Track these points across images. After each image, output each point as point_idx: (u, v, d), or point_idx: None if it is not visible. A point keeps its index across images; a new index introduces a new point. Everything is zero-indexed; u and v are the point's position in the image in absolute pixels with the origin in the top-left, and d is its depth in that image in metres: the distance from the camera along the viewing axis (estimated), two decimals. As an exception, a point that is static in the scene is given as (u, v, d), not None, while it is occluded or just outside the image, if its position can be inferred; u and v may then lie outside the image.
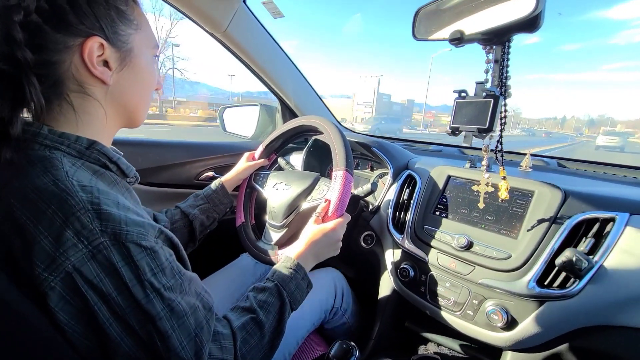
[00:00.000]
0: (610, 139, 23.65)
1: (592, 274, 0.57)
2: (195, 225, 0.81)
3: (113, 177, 0.47)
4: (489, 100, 0.58)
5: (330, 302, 0.87)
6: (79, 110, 0.45)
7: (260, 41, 1.11)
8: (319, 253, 0.66)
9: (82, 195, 0.38)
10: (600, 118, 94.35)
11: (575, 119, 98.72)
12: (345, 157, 0.73)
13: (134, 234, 0.39)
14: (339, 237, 0.69)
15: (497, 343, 0.67)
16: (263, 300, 0.54)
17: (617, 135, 25.31)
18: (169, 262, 0.42)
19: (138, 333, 0.38)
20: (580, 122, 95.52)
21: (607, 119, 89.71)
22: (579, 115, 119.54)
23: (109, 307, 0.37)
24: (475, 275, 0.69)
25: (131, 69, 0.49)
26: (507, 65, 0.61)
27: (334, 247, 0.69)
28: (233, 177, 0.92)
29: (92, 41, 0.43)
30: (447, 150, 1.26)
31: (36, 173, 0.39)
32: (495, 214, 0.72)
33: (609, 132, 27.42)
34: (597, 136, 27.71)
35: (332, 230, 0.67)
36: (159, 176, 1.13)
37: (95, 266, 0.36)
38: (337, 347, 0.62)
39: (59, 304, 0.35)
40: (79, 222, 0.36)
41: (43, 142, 0.41)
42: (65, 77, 0.43)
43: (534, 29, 0.53)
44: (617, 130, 31.89)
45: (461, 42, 0.58)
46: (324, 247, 0.67)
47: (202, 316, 0.44)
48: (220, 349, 0.45)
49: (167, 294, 0.40)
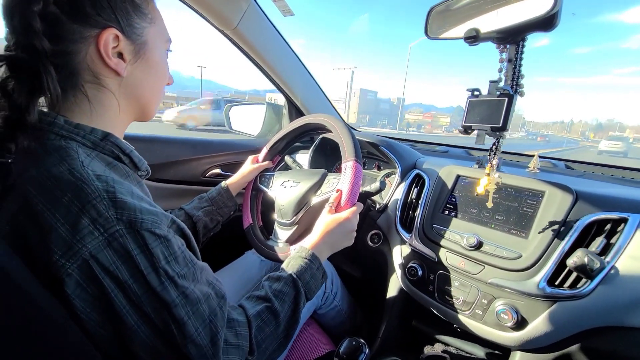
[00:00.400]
0: (613, 144, 23.30)
1: (604, 274, 0.57)
2: (199, 227, 0.81)
3: (125, 170, 0.47)
4: (503, 99, 0.58)
5: (322, 287, 0.88)
6: (94, 101, 0.46)
7: (269, 39, 1.11)
8: (334, 243, 0.66)
9: (97, 184, 0.38)
10: (609, 123, 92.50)
11: (583, 123, 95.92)
12: (354, 149, 0.73)
13: (148, 222, 0.39)
14: (354, 227, 0.69)
15: (506, 343, 0.66)
16: (278, 290, 0.54)
17: (621, 140, 24.95)
18: (182, 250, 0.43)
19: (154, 320, 0.38)
20: (588, 127, 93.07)
21: (615, 123, 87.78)
22: (587, 120, 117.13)
23: (125, 295, 0.37)
24: (484, 274, 0.69)
25: (145, 62, 0.49)
26: (521, 65, 0.61)
27: (348, 237, 0.69)
28: (238, 180, 0.92)
29: (107, 32, 0.43)
30: (454, 151, 1.26)
31: (52, 162, 0.39)
32: (506, 213, 0.72)
33: (612, 137, 26.73)
34: (601, 141, 27.26)
35: (346, 220, 0.67)
36: (165, 172, 1.13)
37: (111, 253, 0.36)
38: (346, 344, 0.62)
39: (76, 291, 0.35)
40: (95, 210, 0.36)
41: (59, 132, 0.42)
42: (80, 67, 0.44)
43: (550, 28, 0.53)
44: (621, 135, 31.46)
45: (476, 40, 0.58)
46: (338, 237, 0.67)
47: (215, 303, 0.44)
48: (235, 336, 0.46)
49: (180, 282, 0.40)
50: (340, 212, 0.68)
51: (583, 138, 63.73)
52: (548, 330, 0.61)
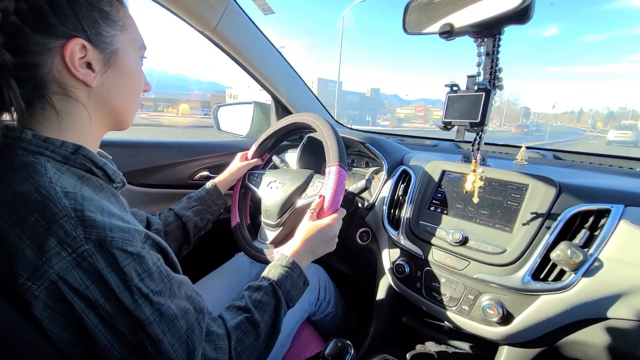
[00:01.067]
0: (622, 133, 22.06)
1: (587, 267, 0.57)
2: (189, 227, 0.81)
3: (99, 183, 0.46)
4: (481, 94, 0.58)
5: (314, 295, 0.89)
6: (62, 113, 0.44)
7: (250, 38, 1.09)
8: (315, 250, 0.66)
9: (65, 202, 0.37)
10: (621, 111, 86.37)
11: (593, 112, 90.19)
12: (338, 152, 0.72)
13: (119, 240, 0.38)
14: (335, 233, 0.69)
15: (493, 337, 0.66)
16: (258, 300, 0.54)
17: (630, 129, 23.40)
18: (157, 266, 0.42)
19: (128, 338, 0.37)
20: (599, 116, 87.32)
21: (628, 111, 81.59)
22: (597, 108, 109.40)
23: (96, 314, 0.36)
24: (470, 270, 0.68)
25: (116, 71, 0.48)
26: (498, 58, 0.60)
27: (330, 243, 0.68)
28: (226, 178, 0.92)
29: (73, 43, 0.42)
30: (443, 145, 1.25)
31: (18, 179, 0.38)
32: (490, 208, 0.72)
33: (621, 126, 24.94)
34: (609, 130, 25.54)
35: (327, 226, 0.67)
36: (152, 177, 1.12)
37: (80, 274, 0.35)
38: (332, 346, 0.62)
39: (45, 313, 0.35)
40: (62, 230, 0.35)
41: (27, 147, 0.41)
42: (46, 79, 0.42)
43: (524, 20, 0.52)
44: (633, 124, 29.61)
45: (451, 35, 0.57)
46: (320, 244, 0.66)
47: (193, 318, 0.43)
48: (214, 349, 0.45)
49: (156, 299, 0.39)
50: (322, 219, 0.67)
51: (591, 128, 58.52)
52: (533, 324, 0.61)
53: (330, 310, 0.95)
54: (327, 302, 0.94)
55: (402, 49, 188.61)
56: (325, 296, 0.94)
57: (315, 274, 0.95)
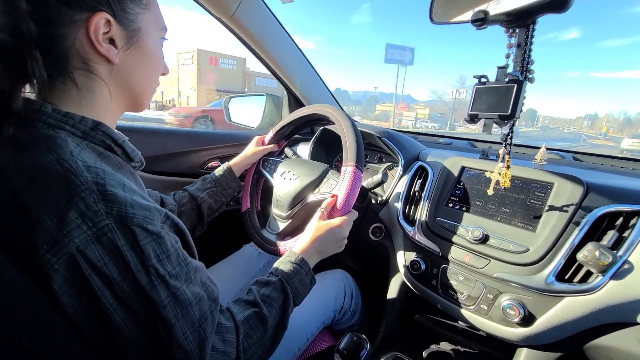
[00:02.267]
0: (637, 142, 20.01)
1: (616, 269, 0.55)
2: (204, 208, 0.80)
3: (118, 161, 0.46)
4: (512, 85, 0.55)
5: (339, 302, 0.86)
6: (83, 88, 0.43)
7: (267, 27, 1.07)
8: (323, 249, 0.65)
9: (87, 175, 0.36)
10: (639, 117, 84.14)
11: (607, 117, 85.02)
12: (356, 152, 0.70)
13: (140, 218, 0.37)
14: (345, 235, 0.67)
15: (512, 339, 0.64)
16: (267, 295, 0.53)
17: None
18: (175, 248, 0.41)
19: (142, 319, 0.36)
20: (615, 122, 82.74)
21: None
22: (614, 113, 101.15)
23: (112, 292, 0.35)
24: (490, 269, 0.66)
25: (138, 50, 0.47)
26: (531, 50, 0.58)
27: (338, 245, 0.67)
28: (241, 161, 0.91)
29: (98, 17, 0.41)
30: (458, 143, 1.23)
31: (40, 151, 0.37)
32: (512, 206, 0.70)
33: (636, 135, 23.63)
34: (623, 138, 23.33)
35: (338, 227, 0.65)
36: (163, 164, 1.11)
37: (99, 249, 0.35)
38: (347, 340, 0.60)
39: (63, 287, 0.34)
40: (83, 203, 0.34)
41: (47, 120, 0.40)
42: (69, 52, 0.41)
43: (563, 9, 0.50)
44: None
45: (485, 23, 0.55)
46: (328, 244, 0.65)
47: (206, 307, 0.42)
48: (223, 342, 0.44)
49: (172, 282, 0.38)
50: (333, 219, 0.66)
51: (598, 134, 53.30)
52: (556, 326, 0.59)
53: (354, 322, 0.90)
54: (352, 313, 0.89)
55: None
56: (351, 305, 0.89)
57: (342, 280, 0.90)
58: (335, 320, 0.86)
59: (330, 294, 0.84)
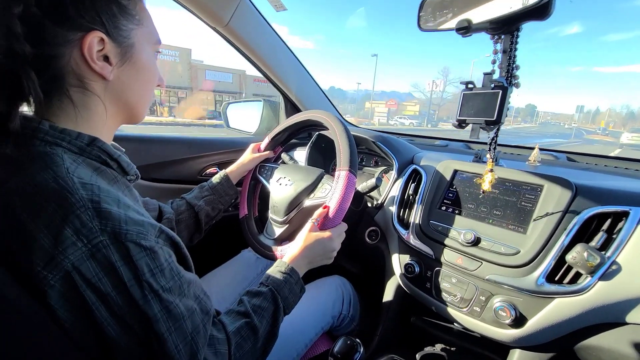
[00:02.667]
0: (636, 136, 19.75)
1: (605, 270, 0.56)
2: (201, 216, 0.81)
3: (113, 175, 0.47)
4: (497, 92, 0.57)
5: (337, 308, 0.86)
6: (79, 105, 0.44)
7: (262, 35, 1.09)
8: (313, 260, 0.66)
9: (82, 192, 0.37)
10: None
11: (610, 111, 79.85)
12: (350, 157, 0.71)
13: (133, 233, 0.38)
14: (335, 248, 0.68)
15: (504, 340, 0.65)
16: (257, 305, 0.54)
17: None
18: (169, 263, 0.42)
19: (136, 332, 0.37)
20: (616, 116, 78.35)
21: None
22: (616, 108, 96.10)
23: (107, 307, 0.36)
24: (482, 271, 0.67)
25: (132, 65, 0.48)
26: (515, 56, 0.59)
27: (328, 256, 0.68)
28: (238, 169, 0.92)
29: (92, 36, 0.42)
30: (454, 145, 1.24)
31: (36, 169, 0.38)
32: (503, 208, 0.71)
33: (635, 129, 22.42)
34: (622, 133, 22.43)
35: (328, 239, 0.66)
36: (162, 172, 1.13)
37: (94, 265, 0.35)
38: (341, 344, 0.61)
39: (59, 302, 0.35)
40: (78, 220, 0.35)
41: (44, 137, 0.41)
42: (64, 71, 0.42)
43: (544, 16, 0.51)
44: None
45: (469, 31, 0.56)
46: (318, 255, 0.66)
47: (199, 320, 0.43)
48: (215, 354, 0.45)
49: (165, 296, 0.39)
50: (324, 231, 0.67)
51: (597, 129, 50.58)
52: (547, 327, 0.60)
53: (353, 328, 0.92)
54: (350, 318, 0.90)
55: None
56: (350, 311, 0.90)
57: (340, 286, 0.91)
58: (334, 327, 0.87)
59: (327, 300, 0.85)
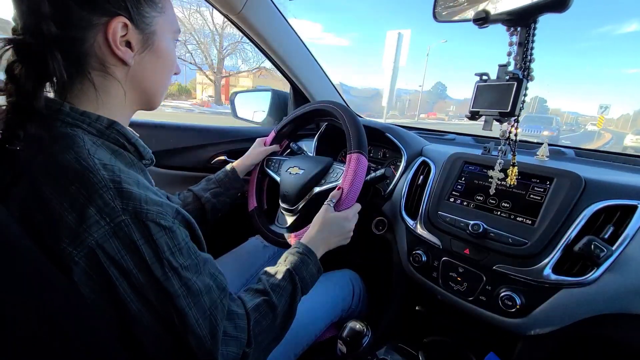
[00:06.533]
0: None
1: (611, 261, 0.57)
2: (207, 208, 0.83)
3: (130, 158, 0.48)
4: (512, 83, 0.57)
5: (347, 302, 0.88)
6: (100, 89, 0.46)
7: (274, 24, 1.09)
8: (330, 241, 0.67)
9: (104, 173, 0.38)
10: None
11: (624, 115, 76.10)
12: (359, 139, 0.72)
13: (153, 213, 0.39)
14: (351, 227, 0.69)
15: (510, 329, 0.67)
16: (276, 284, 0.55)
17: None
18: (186, 242, 0.43)
19: (156, 308, 0.39)
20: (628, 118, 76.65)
21: None
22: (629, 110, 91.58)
23: (129, 283, 0.38)
24: (489, 261, 0.68)
25: (153, 52, 0.49)
26: (532, 48, 0.59)
27: (344, 237, 0.69)
28: (244, 162, 0.93)
29: (116, 21, 0.43)
30: (461, 139, 1.24)
31: (59, 149, 0.39)
32: (512, 200, 0.71)
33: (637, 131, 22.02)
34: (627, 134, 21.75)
35: (344, 219, 0.67)
36: (171, 159, 1.14)
37: (117, 243, 0.37)
38: (349, 328, 0.62)
39: (82, 279, 0.36)
40: (101, 200, 0.37)
41: (65, 119, 0.42)
42: (88, 54, 0.43)
43: (563, 8, 0.51)
44: None
45: (486, 22, 0.56)
46: (335, 236, 0.67)
47: (216, 296, 0.45)
48: (234, 328, 0.46)
49: (183, 273, 0.41)
50: (339, 212, 0.68)
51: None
52: (553, 317, 0.61)
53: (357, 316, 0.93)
54: (358, 313, 0.91)
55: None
56: (359, 306, 0.91)
57: (351, 281, 0.93)
58: (342, 318, 0.88)
59: (339, 294, 0.87)
